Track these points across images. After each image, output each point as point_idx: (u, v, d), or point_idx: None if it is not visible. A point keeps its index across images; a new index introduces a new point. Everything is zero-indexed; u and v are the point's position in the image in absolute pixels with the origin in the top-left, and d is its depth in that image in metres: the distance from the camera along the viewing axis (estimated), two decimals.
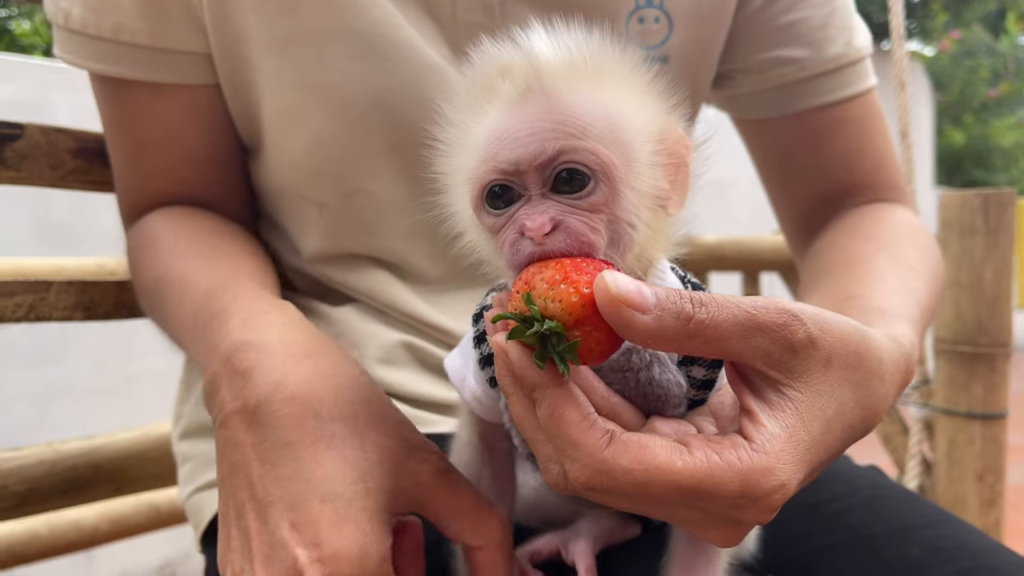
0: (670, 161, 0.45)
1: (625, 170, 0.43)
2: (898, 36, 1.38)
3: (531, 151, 0.42)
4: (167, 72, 0.72)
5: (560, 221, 0.42)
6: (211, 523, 0.76)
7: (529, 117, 0.43)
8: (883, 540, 0.65)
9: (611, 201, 0.43)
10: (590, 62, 0.45)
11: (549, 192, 0.43)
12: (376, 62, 0.68)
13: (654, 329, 0.38)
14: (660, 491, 0.38)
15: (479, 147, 0.44)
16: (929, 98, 8.67)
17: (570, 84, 0.44)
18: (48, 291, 0.88)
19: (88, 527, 1.09)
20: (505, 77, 0.45)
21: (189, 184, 0.76)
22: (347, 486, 0.47)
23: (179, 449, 0.83)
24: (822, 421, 0.42)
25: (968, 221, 1.31)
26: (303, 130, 0.71)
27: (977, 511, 1.32)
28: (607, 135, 0.43)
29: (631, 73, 0.47)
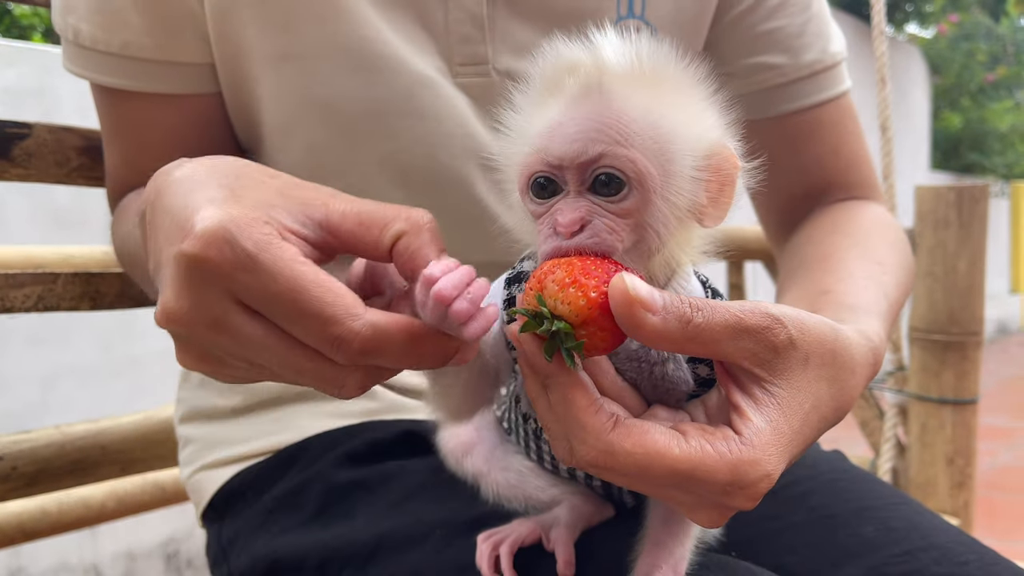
0: (714, 177, 0.47)
1: (661, 182, 0.45)
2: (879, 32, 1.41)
3: (575, 149, 0.45)
4: (172, 83, 0.75)
5: (588, 221, 0.45)
6: (211, 500, 0.80)
7: (581, 116, 0.46)
8: (839, 520, 0.68)
9: (642, 208, 0.46)
10: (653, 70, 0.47)
11: (586, 191, 0.46)
12: (368, 77, 0.71)
13: (660, 329, 0.42)
14: (657, 474, 0.42)
15: (534, 137, 0.47)
16: (926, 81, 8.64)
17: (628, 89, 0.46)
18: (56, 282, 0.92)
19: (95, 505, 1.13)
20: (571, 73, 0.47)
21: None
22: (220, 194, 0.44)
23: (181, 432, 0.86)
24: (801, 414, 0.46)
25: (942, 214, 1.35)
26: (299, 141, 0.74)
27: (947, 493, 1.36)
28: (650, 145, 0.45)
29: (692, 86, 0.49)
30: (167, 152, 0.76)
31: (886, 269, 0.74)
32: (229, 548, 0.77)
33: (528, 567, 0.57)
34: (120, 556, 2.39)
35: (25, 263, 0.94)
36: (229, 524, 0.78)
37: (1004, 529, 2.89)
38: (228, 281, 0.41)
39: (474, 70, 0.74)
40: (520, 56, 0.74)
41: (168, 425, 1.09)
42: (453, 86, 0.73)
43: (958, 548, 0.65)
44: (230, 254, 0.40)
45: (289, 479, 0.74)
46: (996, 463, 3.78)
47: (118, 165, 0.80)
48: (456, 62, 0.74)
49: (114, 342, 2.32)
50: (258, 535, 0.73)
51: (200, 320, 0.42)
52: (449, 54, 0.73)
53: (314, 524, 0.70)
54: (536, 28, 0.74)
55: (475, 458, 0.60)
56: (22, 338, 2.22)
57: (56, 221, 2.23)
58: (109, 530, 2.28)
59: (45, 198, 2.22)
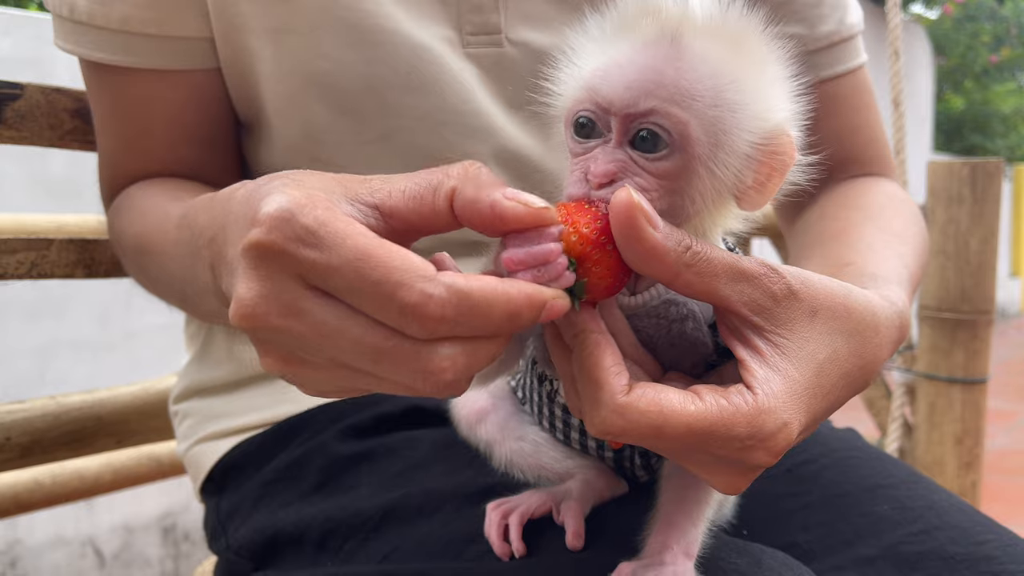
0: (766, 161, 0.45)
1: (709, 151, 0.43)
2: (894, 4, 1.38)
3: (627, 97, 0.43)
4: (173, 59, 0.72)
5: (620, 176, 0.44)
6: (210, 473, 0.79)
7: (645, 62, 0.43)
8: (853, 499, 0.67)
9: (680, 174, 0.44)
10: (736, 33, 0.45)
11: (627, 143, 0.44)
12: (369, 51, 0.69)
13: (659, 246, 0.41)
14: (673, 433, 0.41)
15: (591, 72, 0.45)
16: (930, 62, 8.59)
17: (703, 45, 0.44)
18: (49, 248, 0.90)
19: (91, 477, 1.11)
20: (648, 15, 0.45)
21: (185, 163, 0.77)
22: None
23: (177, 409, 0.84)
24: (814, 365, 0.44)
25: (956, 191, 1.33)
26: (299, 117, 0.71)
27: (955, 473, 1.35)
28: (708, 111, 0.43)
29: (771, 61, 0.46)
30: (169, 132, 0.75)
31: (904, 240, 0.72)
32: (228, 521, 0.75)
33: (537, 538, 0.56)
34: (117, 529, 2.39)
35: (18, 230, 0.91)
36: (228, 497, 0.76)
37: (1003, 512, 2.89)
38: (295, 263, 0.39)
39: (486, 40, 0.72)
40: (532, 27, 0.72)
41: (165, 397, 1.07)
42: (462, 57, 0.71)
43: (975, 528, 0.64)
44: (292, 233, 0.39)
45: (290, 451, 0.72)
46: (995, 445, 3.79)
47: (115, 151, 0.77)
48: (467, 31, 0.71)
49: (111, 315, 2.31)
50: (258, 508, 0.72)
51: (273, 310, 0.39)
52: (459, 23, 0.71)
53: (316, 496, 0.69)
54: None
55: (489, 425, 0.59)
56: (19, 310, 2.20)
57: (49, 190, 2.20)
58: (106, 503, 2.28)
59: (38, 166, 2.19)
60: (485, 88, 0.72)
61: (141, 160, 0.76)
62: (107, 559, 2.38)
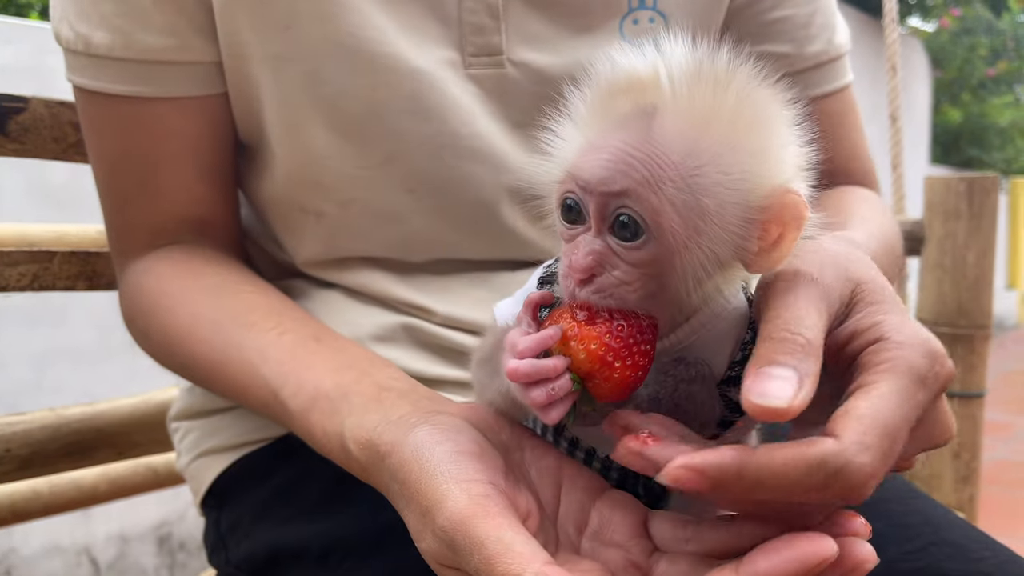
0: (772, 223, 0.43)
1: (689, 236, 0.42)
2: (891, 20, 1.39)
3: (599, 176, 0.42)
4: (193, 85, 0.72)
5: (599, 272, 0.43)
6: (211, 487, 0.78)
7: (620, 143, 0.42)
8: None
9: (659, 261, 0.42)
10: (723, 96, 0.43)
11: (607, 229, 0.43)
12: (371, 76, 0.69)
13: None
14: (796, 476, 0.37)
15: (573, 155, 0.45)
16: (927, 75, 8.62)
17: (682, 120, 0.42)
18: (52, 261, 0.90)
19: (87, 487, 1.11)
20: (623, 92, 0.44)
21: (200, 203, 0.76)
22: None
23: (178, 424, 0.84)
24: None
25: (952, 205, 1.33)
26: (301, 143, 0.71)
27: (952, 487, 1.35)
28: (683, 195, 0.41)
29: (768, 119, 0.44)
30: (184, 166, 0.74)
31: (870, 219, 0.74)
32: (228, 536, 0.75)
33: None
34: (113, 538, 2.38)
35: (19, 241, 0.91)
36: (228, 512, 0.76)
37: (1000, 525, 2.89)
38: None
39: (488, 61, 0.72)
40: (534, 47, 0.72)
41: (165, 408, 1.07)
42: (464, 79, 0.71)
43: (972, 545, 0.64)
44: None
45: (291, 467, 0.72)
46: (993, 457, 3.79)
47: (127, 197, 0.75)
48: (468, 53, 0.71)
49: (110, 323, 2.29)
50: (258, 523, 0.72)
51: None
52: (462, 44, 0.71)
53: (317, 513, 0.68)
54: (550, 19, 0.72)
55: None
56: (17, 318, 2.20)
57: (51, 200, 2.20)
58: (102, 512, 2.27)
59: (40, 176, 2.19)
60: (487, 110, 0.72)
61: (155, 204, 0.74)
62: (102, 568, 2.37)
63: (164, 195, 0.74)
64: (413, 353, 0.73)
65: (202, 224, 0.76)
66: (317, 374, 0.61)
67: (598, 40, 0.73)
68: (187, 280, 0.72)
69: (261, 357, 0.64)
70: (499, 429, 0.51)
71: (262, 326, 0.66)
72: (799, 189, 0.44)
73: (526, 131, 0.73)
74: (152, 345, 0.75)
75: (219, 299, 0.70)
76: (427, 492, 0.46)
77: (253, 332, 0.66)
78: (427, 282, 0.75)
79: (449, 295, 0.74)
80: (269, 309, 0.69)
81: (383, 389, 0.58)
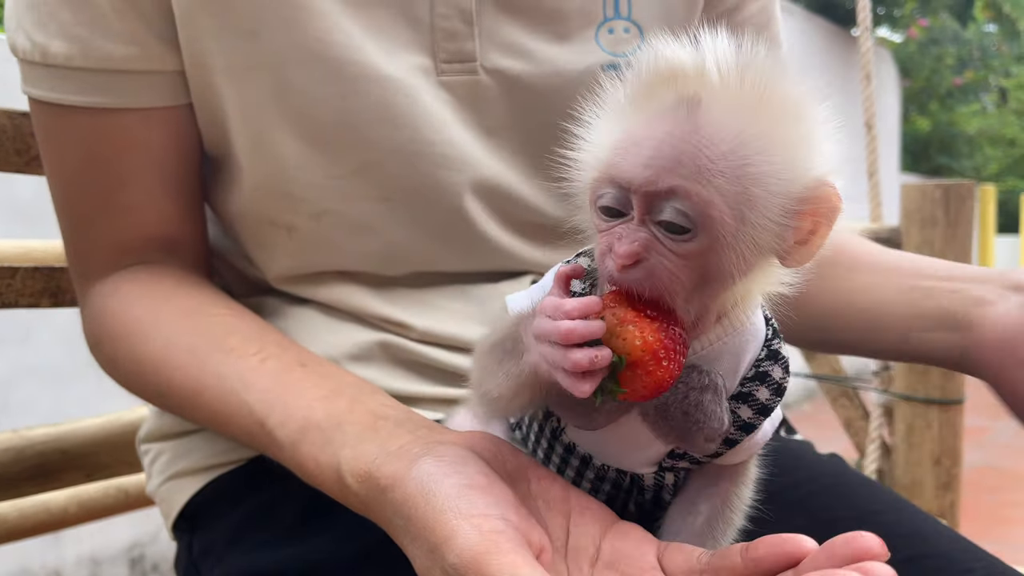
0: (808, 217, 0.43)
1: (736, 228, 0.42)
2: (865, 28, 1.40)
3: (645, 176, 0.41)
4: (156, 95, 0.69)
5: (644, 259, 0.42)
6: (182, 511, 0.76)
7: (663, 135, 0.42)
8: (840, 526, 0.65)
9: (709, 253, 0.42)
10: (762, 89, 0.43)
11: (651, 220, 0.42)
12: (341, 84, 0.67)
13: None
14: None
15: (610, 147, 0.44)
16: (896, 85, 8.76)
17: (726, 111, 0.42)
18: (14, 277, 0.87)
19: (57, 510, 1.08)
20: (666, 82, 0.43)
21: (166, 220, 0.73)
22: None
23: (148, 447, 0.81)
24: None
25: (929, 212, 1.34)
26: (269, 154, 0.69)
27: (933, 494, 1.36)
28: (732, 186, 0.41)
29: (804, 111, 0.44)
30: (149, 181, 0.71)
31: None
32: (201, 561, 0.73)
33: None
34: (84, 560, 2.34)
35: None
36: (201, 536, 0.74)
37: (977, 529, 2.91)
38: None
39: (461, 68, 0.70)
40: (508, 55, 0.71)
41: (134, 428, 1.04)
42: (436, 86, 0.70)
43: (962, 556, 0.64)
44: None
45: (266, 489, 0.70)
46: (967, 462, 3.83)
47: (90, 215, 0.72)
48: (441, 59, 0.70)
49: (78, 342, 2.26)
50: (232, 548, 0.69)
51: None
52: (434, 51, 0.70)
53: (292, 537, 0.66)
54: (524, 26, 0.71)
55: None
56: None
57: (15, 214, 2.16)
58: (72, 534, 2.23)
59: (7, 191, 2.15)
60: (460, 117, 0.71)
61: (119, 221, 0.71)
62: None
63: (128, 212, 0.71)
64: (390, 371, 0.71)
65: (169, 242, 0.74)
66: (306, 402, 0.59)
67: (574, 49, 0.72)
68: (157, 303, 0.70)
69: (243, 384, 0.61)
70: (504, 458, 0.50)
71: (242, 351, 0.64)
72: (835, 183, 0.44)
73: (500, 139, 0.72)
74: (121, 372, 0.72)
75: (194, 323, 0.68)
76: (435, 528, 0.45)
77: (233, 358, 0.64)
78: (404, 296, 0.73)
79: (427, 309, 0.72)
80: (248, 333, 0.66)
81: (378, 417, 0.56)
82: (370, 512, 0.52)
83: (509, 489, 0.47)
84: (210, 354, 0.65)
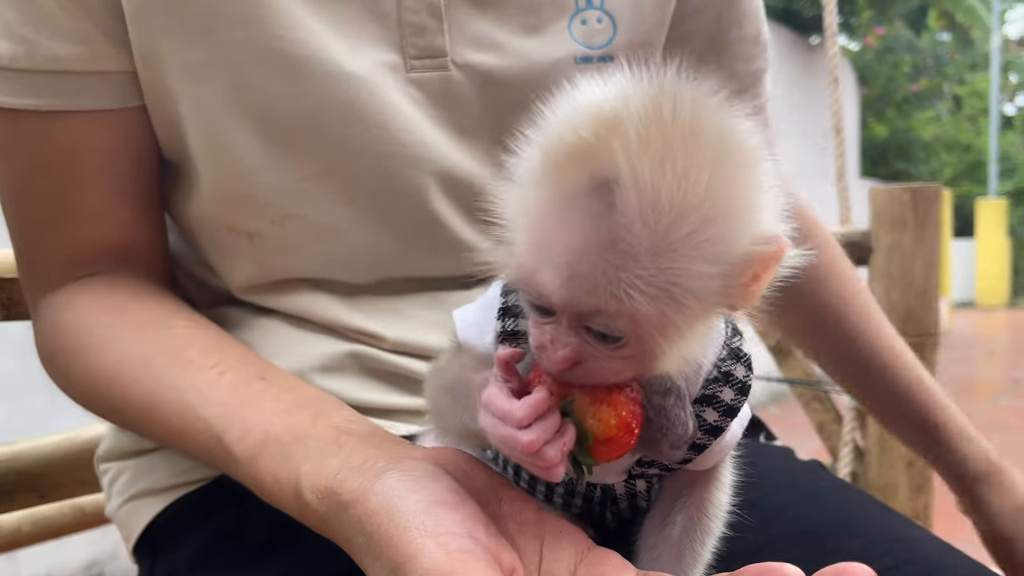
0: (749, 270, 0.40)
1: (673, 319, 0.39)
2: (832, 33, 1.41)
3: (563, 298, 0.39)
4: (106, 97, 0.66)
5: (580, 362, 0.41)
6: (143, 533, 0.73)
7: (579, 240, 0.38)
8: (822, 534, 0.66)
9: (645, 349, 0.40)
10: (691, 151, 0.37)
11: (581, 328, 0.40)
12: (303, 83, 0.65)
13: None
14: None
15: (527, 241, 0.40)
16: (855, 92, 8.92)
17: (649, 189, 0.36)
18: None
19: (10, 529, 1.05)
20: (576, 162, 0.38)
21: (121, 228, 0.70)
22: None
23: (107, 466, 0.78)
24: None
25: (898, 215, 1.35)
26: (229, 156, 0.66)
27: (907, 497, 1.36)
28: (662, 287, 0.38)
29: (741, 161, 0.39)
30: (103, 187, 0.68)
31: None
32: None
33: None
34: None
35: None
36: (163, 559, 0.71)
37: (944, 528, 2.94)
38: None
39: (431, 63, 0.68)
40: (479, 49, 0.69)
41: (91, 447, 1.00)
42: (406, 83, 0.68)
43: (945, 561, 0.64)
44: None
45: (231, 510, 0.67)
46: None
47: (41, 223, 0.69)
48: (410, 55, 0.68)
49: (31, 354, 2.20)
50: (196, 572, 0.67)
51: None
52: (402, 46, 0.68)
53: (261, 559, 0.64)
54: (495, 19, 0.70)
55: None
56: None
57: None
58: (27, 552, 2.16)
59: None
60: (430, 115, 0.69)
61: (71, 230, 0.68)
62: None
63: (81, 220, 0.68)
64: (362, 382, 0.68)
65: (125, 251, 0.70)
66: (265, 416, 0.56)
67: (547, 41, 0.70)
68: (113, 315, 0.67)
69: (201, 398, 0.59)
70: (474, 476, 0.47)
71: (200, 364, 0.61)
72: (778, 233, 0.40)
73: (472, 138, 0.70)
74: (74, 387, 0.69)
75: (150, 335, 0.65)
76: (399, 547, 0.42)
77: (190, 370, 0.61)
78: (374, 304, 0.70)
79: (399, 318, 0.70)
80: (207, 345, 0.64)
81: (341, 432, 0.53)
82: (329, 531, 0.49)
83: (479, 507, 0.45)
84: (167, 367, 0.62)
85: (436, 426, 0.51)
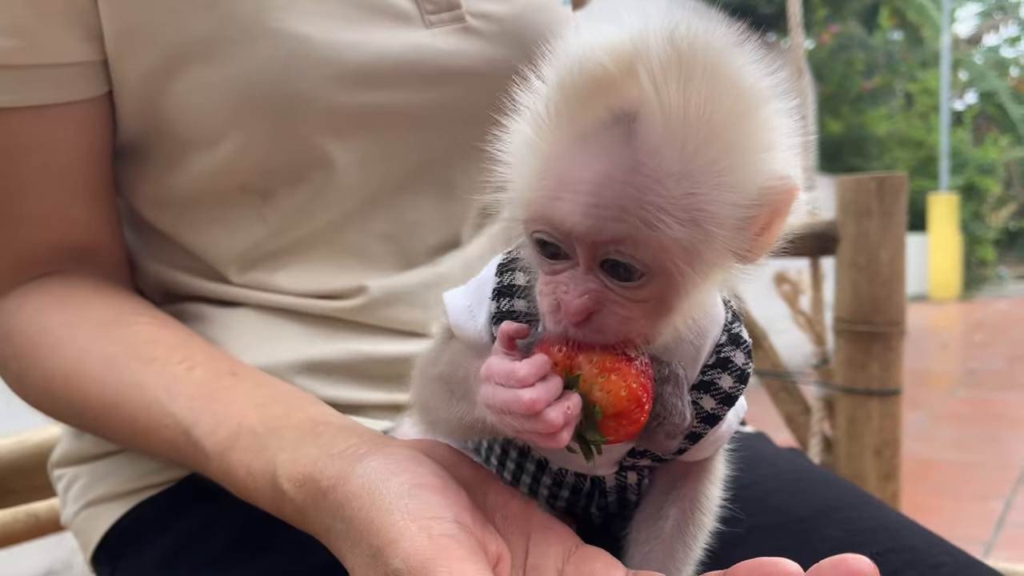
0: (764, 211, 0.39)
1: (693, 255, 0.38)
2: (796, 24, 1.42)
3: (587, 226, 0.37)
4: (54, 91, 0.63)
5: (595, 313, 0.39)
6: (103, 540, 0.70)
7: (601, 176, 0.37)
8: (805, 523, 0.65)
9: (664, 292, 0.39)
10: (708, 84, 0.37)
11: (598, 267, 0.39)
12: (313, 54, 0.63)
13: None
14: None
15: (543, 181, 0.39)
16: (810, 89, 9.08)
17: (669, 124, 0.36)
18: None
19: None
20: (593, 95, 0.38)
21: (75, 226, 0.67)
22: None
23: (62, 471, 0.75)
24: None
25: (864, 204, 1.36)
26: (239, 131, 0.65)
27: (875, 485, 1.38)
28: (684, 217, 0.37)
29: (754, 101, 0.39)
30: (53, 185, 0.65)
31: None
32: None
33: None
34: None
35: None
36: (125, 567, 0.67)
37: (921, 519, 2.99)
38: None
39: (448, 16, 0.68)
40: None
41: (45, 450, 0.97)
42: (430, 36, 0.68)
43: (931, 549, 0.63)
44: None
45: (197, 510, 0.64)
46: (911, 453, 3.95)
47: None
48: (427, 11, 0.68)
49: None
50: (165, 573, 0.64)
51: None
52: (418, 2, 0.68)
53: (231, 560, 0.61)
54: None
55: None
56: None
57: None
58: None
59: None
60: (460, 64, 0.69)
61: (21, 231, 0.66)
62: None
63: (31, 220, 0.66)
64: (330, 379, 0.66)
65: (81, 250, 0.68)
66: (238, 408, 0.54)
67: None
68: (70, 313, 0.64)
69: (168, 394, 0.56)
70: (458, 467, 0.46)
71: (166, 360, 0.59)
72: (790, 172, 0.40)
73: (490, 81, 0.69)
74: (31, 391, 0.66)
75: (111, 333, 0.62)
76: (379, 530, 0.40)
77: (156, 367, 0.59)
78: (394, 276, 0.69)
79: None
80: (173, 342, 0.61)
81: (318, 423, 0.52)
82: (307, 522, 0.47)
83: (464, 493, 0.43)
84: (129, 364, 0.59)
85: (423, 421, 0.49)
